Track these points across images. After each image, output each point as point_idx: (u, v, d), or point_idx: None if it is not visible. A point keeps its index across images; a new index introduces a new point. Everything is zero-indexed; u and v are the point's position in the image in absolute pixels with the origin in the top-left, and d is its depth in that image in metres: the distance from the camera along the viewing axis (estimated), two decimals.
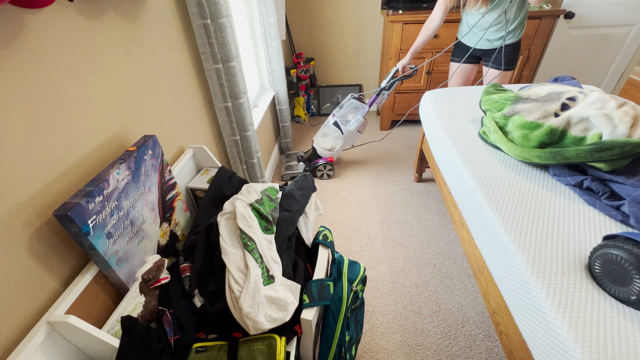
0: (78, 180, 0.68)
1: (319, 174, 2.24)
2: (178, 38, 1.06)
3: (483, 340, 1.26)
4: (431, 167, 1.70)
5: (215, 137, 1.37)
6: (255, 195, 0.93)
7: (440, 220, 1.84)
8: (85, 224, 0.59)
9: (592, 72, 2.70)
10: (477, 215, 1.05)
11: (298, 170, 2.25)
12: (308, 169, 2.24)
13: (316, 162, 2.20)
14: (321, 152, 2.19)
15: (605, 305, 0.70)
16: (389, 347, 1.26)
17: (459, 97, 1.66)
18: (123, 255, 0.70)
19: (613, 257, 0.69)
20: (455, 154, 1.25)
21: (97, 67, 0.72)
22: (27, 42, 0.56)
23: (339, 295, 0.84)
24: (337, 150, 2.19)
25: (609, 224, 0.88)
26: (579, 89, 1.13)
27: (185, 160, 1.04)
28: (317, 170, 2.21)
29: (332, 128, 2.15)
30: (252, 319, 0.69)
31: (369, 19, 2.73)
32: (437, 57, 2.41)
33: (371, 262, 1.60)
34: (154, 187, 0.82)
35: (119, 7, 0.79)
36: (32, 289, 0.58)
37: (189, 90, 1.15)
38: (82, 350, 0.62)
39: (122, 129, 0.81)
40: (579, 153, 0.97)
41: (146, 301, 0.72)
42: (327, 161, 2.19)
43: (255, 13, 2.02)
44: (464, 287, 1.46)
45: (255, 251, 0.78)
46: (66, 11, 0.64)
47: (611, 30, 2.49)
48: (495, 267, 0.93)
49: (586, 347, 0.63)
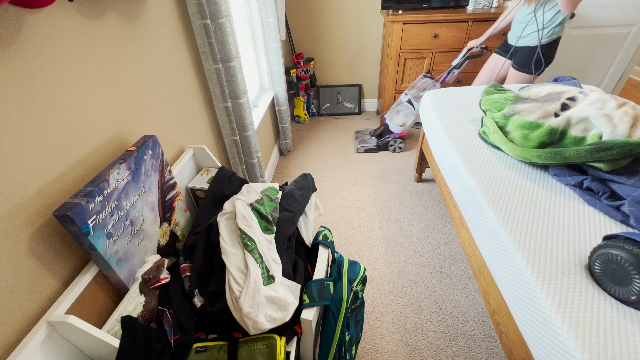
0: (78, 180, 0.68)
1: (390, 148, 2.51)
2: (178, 38, 1.06)
3: (483, 340, 1.26)
4: (431, 167, 1.71)
5: (215, 137, 1.37)
6: (255, 195, 0.93)
7: (440, 220, 1.84)
8: (85, 224, 0.59)
9: (592, 72, 2.70)
10: (477, 215, 1.05)
11: (372, 144, 2.50)
12: (380, 142, 2.49)
13: (388, 137, 2.46)
14: (393, 127, 2.42)
15: (605, 305, 0.70)
16: (389, 347, 1.26)
17: (459, 97, 1.66)
18: (123, 255, 0.70)
19: (613, 257, 0.69)
20: (455, 154, 1.25)
21: (97, 67, 0.72)
22: (27, 42, 0.56)
23: (339, 295, 0.84)
24: (408, 126, 2.39)
25: (609, 224, 0.89)
26: (579, 89, 1.13)
27: (185, 160, 1.04)
28: (389, 144, 2.49)
29: (405, 105, 2.33)
30: (252, 319, 0.69)
31: (369, 19, 2.73)
32: (437, 57, 2.42)
33: (371, 262, 1.60)
34: (154, 187, 0.82)
35: (119, 7, 0.79)
36: (32, 289, 0.58)
37: (189, 90, 1.15)
38: (82, 350, 0.62)
39: (122, 129, 0.81)
40: (579, 153, 0.97)
41: (146, 301, 0.72)
42: (398, 135, 2.44)
43: (255, 13, 2.02)
44: (464, 287, 1.46)
45: (255, 251, 0.78)
46: (66, 11, 0.64)
47: (611, 30, 2.49)
48: (495, 267, 0.93)
49: (586, 347, 0.63)
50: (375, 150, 2.52)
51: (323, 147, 2.63)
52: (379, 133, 2.53)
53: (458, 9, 2.37)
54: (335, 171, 2.32)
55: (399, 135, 2.44)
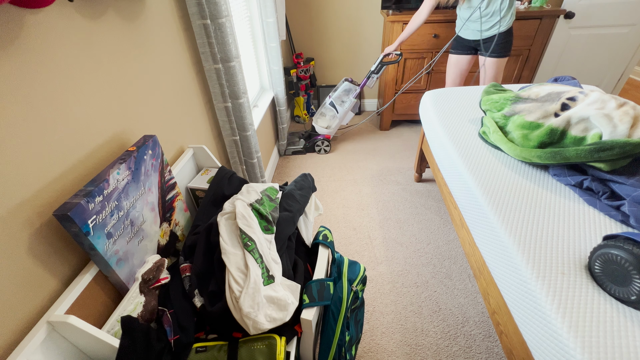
0: (78, 180, 0.68)
1: (317, 149, 2.55)
2: (178, 38, 1.06)
3: (483, 340, 1.26)
4: (431, 167, 1.71)
5: (215, 137, 1.37)
6: (255, 195, 0.93)
7: (440, 220, 1.84)
8: (85, 224, 0.59)
9: (592, 72, 2.70)
10: (477, 215, 1.05)
11: (299, 146, 2.55)
12: (308, 144, 2.54)
13: (315, 139, 2.50)
14: (319, 129, 2.51)
15: (605, 305, 0.70)
16: (389, 347, 1.26)
17: (459, 97, 1.66)
18: (123, 255, 0.70)
19: (613, 257, 0.69)
20: (455, 154, 1.25)
21: (97, 67, 0.72)
22: (27, 42, 0.56)
23: (339, 295, 0.84)
24: (333, 128, 2.49)
25: (609, 224, 0.88)
26: (579, 89, 1.13)
27: (185, 160, 1.04)
28: (316, 145, 2.53)
29: (329, 108, 2.45)
30: (252, 319, 0.69)
31: (369, 19, 2.73)
32: (439, 57, 2.42)
33: (371, 262, 1.60)
34: (154, 187, 0.82)
35: (119, 7, 0.79)
36: (32, 289, 0.58)
37: (189, 90, 1.15)
38: (82, 350, 0.62)
39: (122, 129, 0.81)
40: (579, 153, 0.97)
41: (146, 301, 0.72)
42: (324, 137, 2.50)
43: (255, 13, 2.02)
44: (464, 287, 1.46)
45: (255, 251, 0.78)
46: (66, 11, 0.64)
47: (611, 30, 2.49)
48: (495, 267, 0.93)
49: (586, 347, 0.63)
50: (302, 152, 2.57)
51: None
52: (307, 135, 2.58)
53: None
54: (335, 171, 2.32)
55: (325, 137, 2.50)
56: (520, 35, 2.27)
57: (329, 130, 2.49)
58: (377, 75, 2.32)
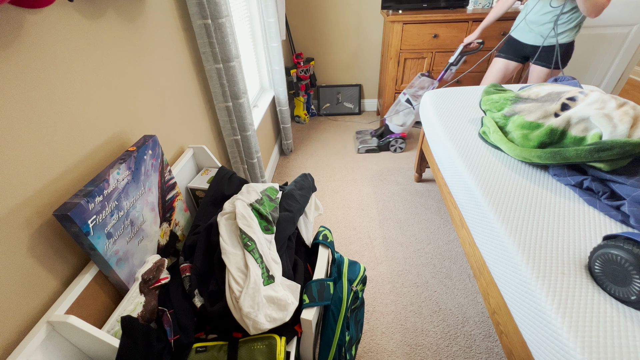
0: (78, 180, 0.68)
1: (391, 148, 2.51)
2: (178, 38, 1.06)
3: (483, 340, 1.26)
4: (431, 167, 1.71)
5: (216, 137, 1.37)
6: (255, 195, 0.93)
7: (440, 220, 1.84)
8: (85, 224, 0.59)
9: (592, 72, 2.70)
10: (477, 215, 1.05)
11: (373, 144, 2.50)
12: (381, 143, 2.49)
13: (389, 137, 2.46)
14: (394, 128, 2.43)
15: (605, 305, 0.70)
16: (389, 347, 1.26)
17: (459, 97, 1.66)
18: (123, 255, 0.70)
19: (613, 257, 0.69)
20: (455, 154, 1.25)
21: (97, 67, 0.72)
22: (27, 42, 0.56)
23: (339, 295, 0.84)
24: (408, 126, 2.39)
25: (609, 224, 0.89)
26: (579, 89, 1.13)
27: (185, 160, 1.04)
28: (390, 145, 2.49)
29: (404, 105, 2.32)
30: (252, 319, 0.69)
31: (369, 19, 2.72)
32: (437, 57, 2.42)
33: (371, 262, 1.60)
34: (154, 187, 0.82)
35: (119, 7, 0.79)
36: (32, 289, 0.58)
37: (189, 90, 1.15)
38: (82, 350, 0.62)
39: (122, 129, 0.81)
40: (579, 153, 0.97)
41: (146, 301, 0.72)
42: (399, 135, 2.44)
43: (255, 13, 2.02)
44: (464, 287, 1.46)
45: (255, 251, 0.78)
46: (66, 11, 0.64)
47: (611, 30, 2.48)
48: (495, 267, 0.93)
49: (586, 347, 0.63)
50: (376, 151, 2.52)
51: (323, 147, 2.63)
52: (379, 133, 2.54)
53: (458, 9, 2.37)
54: (335, 171, 2.32)
55: (400, 135, 2.44)
56: None
57: (404, 128, 2.40)
58: (455, 67, 2.17)
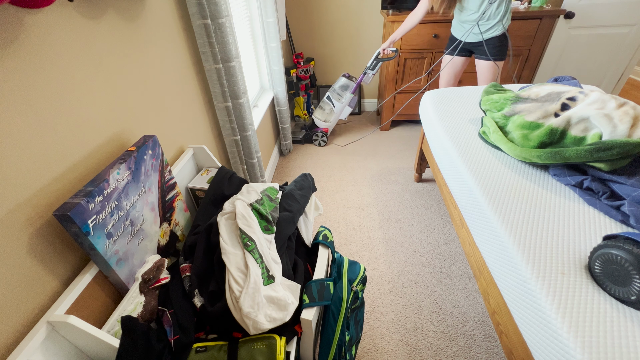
0: (78, 180, 0.68)
1: (314, 141, 2.67)
2: (178, 38, 1.06)
3: (483, 340, 1.26)
4: (431, 167, 1.71)
5: (215, 137, 1.37)
6: (255, 195, 0.93)
7: (440, 220, 1.84)
8: (85, 224, 0.59)
9: (592, 72, 2.70)
10: (477, 215, 1.05)
11: (299, 136, 2.66)
12: (307, 135, 2.66)
13: (315, 131, 2.61)
14: (318, 122, 2.61)
15: (605, 305, 0.70)
16: (389, 347, 1.26)
17: (459, 97, 1.66)
18: (123, 255, 0.70)
19: (613, 257, 0.69)
20: (455, 154, 1.25)
21: (97, 67, 0.72)
22: (27, 42, 0.56)
23: (339, 295, 0.84)
24: (331, 122, 2.58)
25: (609, 224, 0.88)
26: (579, 89, 1.13)
27: (185, 160, 1.04)
28: (313, 138, 2.66)
29: (326, 102, 2.55)
30: (252, 319, 0.69)
31: (369, 19, 2.72)
32: (437, 57, 2.42)
33: (371, 262, 1.60)
34: (154, 187, 0.82)
35: (119, 7, 0.79)
36: (32, 289, 0.58)
37: (189, 90, 1.15)
38: (82, 350, 0.62)
39: (122, 129, 0.81)
40: (579, 153, 0.97)
41: (146, 301, 0.72)
42: (322, 131, 2.60)
43: (255, 13, 2.02)
44: (464, 287, 1.46)
45: (255, 251, 0.78)
46: (66, 11, 0.64)
47: (611, 30, 2.49)
48: (495, 267, 0.93)
49: (586, 347, 0.63)
50: (301, 142, 2.69)
51: (323, 147, 2.63)
52: (308, 126, 2.68)
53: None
54: (335, 171, 2.32)
55: (322, 130, 2.59)
56: (520, 35, 2.27)
57: (327, 124, 2.56)
58: (372, 71, 2.33)
